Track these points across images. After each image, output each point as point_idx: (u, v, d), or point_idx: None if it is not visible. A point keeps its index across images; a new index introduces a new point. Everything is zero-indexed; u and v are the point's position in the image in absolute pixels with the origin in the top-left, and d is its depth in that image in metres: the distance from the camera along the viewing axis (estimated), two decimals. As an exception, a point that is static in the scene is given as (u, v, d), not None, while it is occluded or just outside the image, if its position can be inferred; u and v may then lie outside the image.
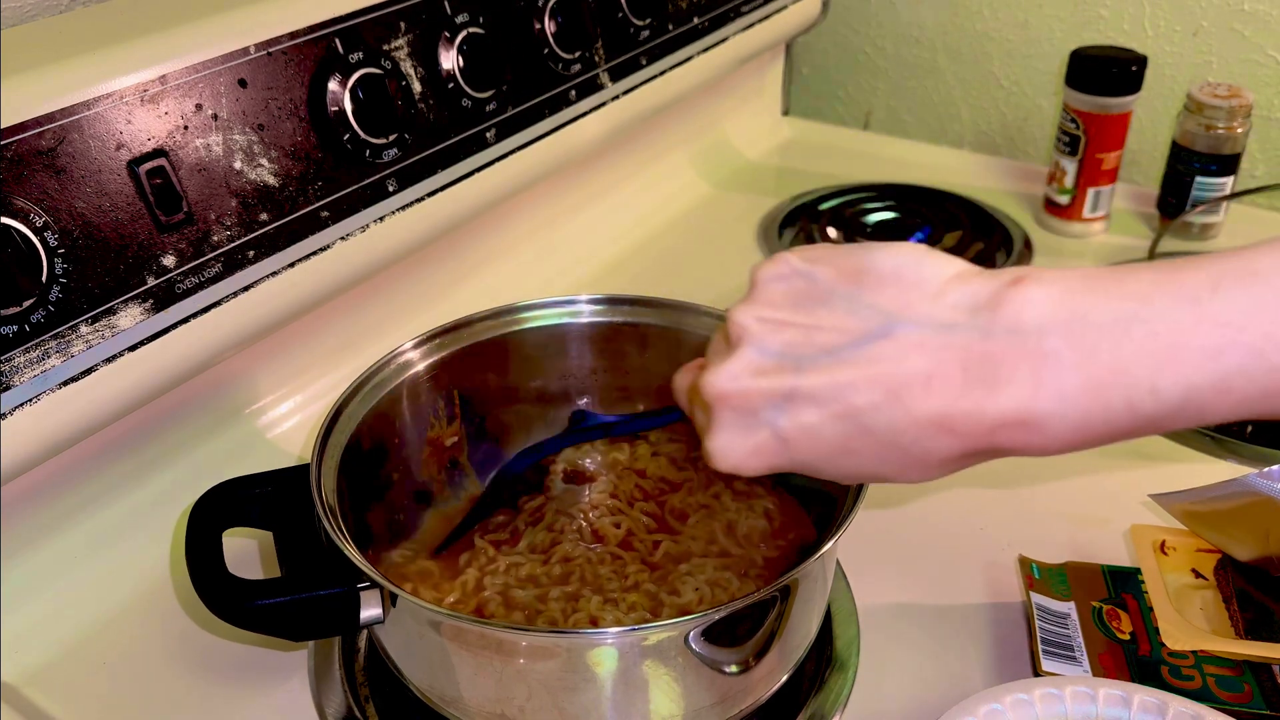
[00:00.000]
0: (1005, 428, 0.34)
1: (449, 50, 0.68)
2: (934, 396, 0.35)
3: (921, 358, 0.35)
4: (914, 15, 1.19)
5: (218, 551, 0.47)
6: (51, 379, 0.51)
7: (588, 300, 0.61)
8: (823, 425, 0.36)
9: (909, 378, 0.35)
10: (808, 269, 0.38)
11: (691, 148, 1.06)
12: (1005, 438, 0.35)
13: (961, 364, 0.34)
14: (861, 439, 0.36)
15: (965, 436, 0.35)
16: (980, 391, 0.34)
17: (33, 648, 0.57)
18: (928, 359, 0.35)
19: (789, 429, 0.37)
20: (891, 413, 0.35)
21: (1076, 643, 0.53)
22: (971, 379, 0.34)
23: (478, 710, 0.47)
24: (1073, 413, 0.34)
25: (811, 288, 0.38)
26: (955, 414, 0.35)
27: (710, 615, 0.43)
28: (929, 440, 0.35)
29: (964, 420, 0.35)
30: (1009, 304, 0.34)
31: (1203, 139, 0.89)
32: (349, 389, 0.54)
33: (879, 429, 0.36)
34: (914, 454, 0.36)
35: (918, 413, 0.35)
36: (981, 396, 0.34)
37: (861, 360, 0.36)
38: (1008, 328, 0.34)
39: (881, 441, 0.36)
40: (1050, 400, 0.34)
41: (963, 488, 0.67)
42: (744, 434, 0.38)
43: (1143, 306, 0.33)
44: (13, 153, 0.49)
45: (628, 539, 0.57)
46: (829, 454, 0.37)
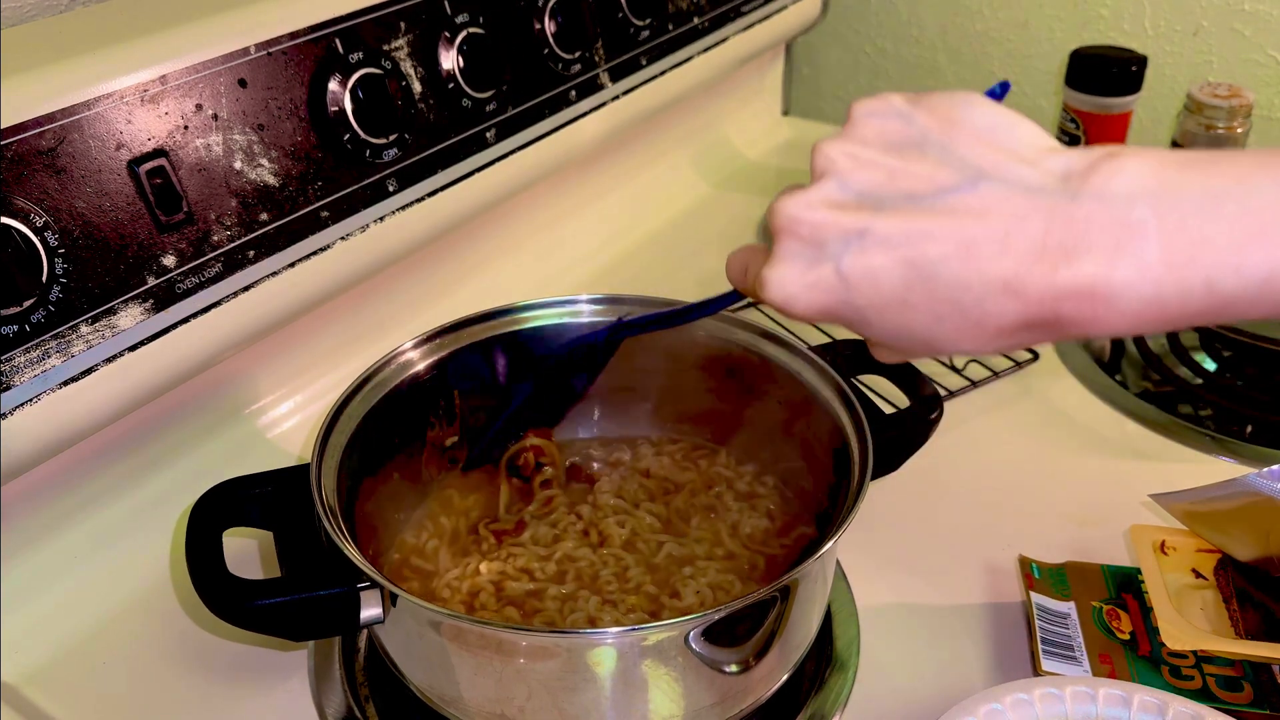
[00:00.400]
0: (1074, 297, 0.33)
1: (449, 50, 0.68)
2: (1008, 256, 0.33)
3: (1003, 216, 0.34)
4: (914, 15, 1.19)
5: (218, 551, 0.47)
6: (52, 379, 0.51)
7: (588, 300, 0.61)
8: (888, 270, 0.35)
9: (986, 234, 0.34)
10: (907, 110, 0.37)
11: (691, 148, 1.06)
12: (1072, 308, 0.33)
13: (1043, 226, 0.33)
14: (923, 291, 0.35)
15: (1030, 302, 0.34)
16: (1057, 256, 0.33)
17: (33, 648, 0.57)
18: (1009, 217, 0.34)
19: (853, 268, 0.36)
20: (961, 267, 0.34)
21: (1076, 643, 0.53)
22: (1050, 243, 0.33)
23: (478, 710, 0.47)
24: (1148, 286, 0.32)
25: (906, 130, 0.37)
26: (1026, 276, 0.33)
27: (710, 615, 0.43)
28: (992, 302, 0.34)
29: (1034, 284, 0.33)
30: (1100, 171, 0.33)
31: (1203, 139, 0.89)
32: (349, 389, 0.54)
33: (944, 283, 0.34)
34: (972, 315, 0.35)
35: (987, 271, 0.34)
36: (1057, 260, 0.33)
37: (941, 210, 0.34)
38: (1095, 194, 0.33)
39: (942, 297, 0.35)
40: (1127, 271, 0.32)
41: (963, 488, 0.67)
42: (806, 266, 0.37)
43: (1238, 185, 0.32)
44: (13, 153, 0.49)
45: (631, 540, 0.57)
46: (886, 303, 0.36)
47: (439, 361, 0.59)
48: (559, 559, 0.56)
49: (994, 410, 0.74)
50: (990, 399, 0.75)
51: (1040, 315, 0.34)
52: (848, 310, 0.37)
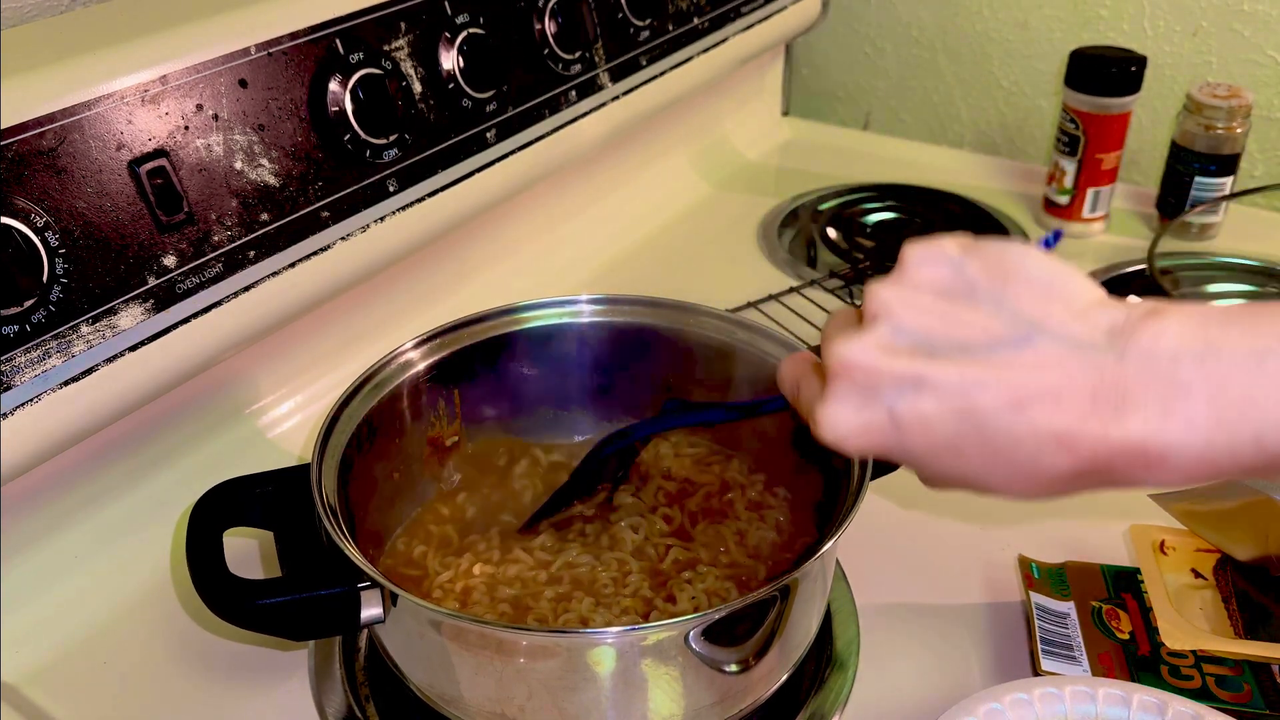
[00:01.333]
0: (1126, 454, 0.34)
1: (449, 50, 0.68)
2: (1062, 413, 0.34)
3: (1055, 372, 0.35)
4: (914, 15, 1.19)
5: (218, 551, 0.47)
6: (52, 379, 0.52)
7: (588, 300, 0.61)
8: (940, 418, 0.36)
9: (1040, 389, 0.35)
10: (959, 259, 0.38)
11: (691, 148, 1.07)
12: (1124, 463, 0.34)
13: (1094, 384, 0.34)
14: (975, 440, 0.36)
15: (1083, 458, 0.35)
16: (1108, 413, 0.34)
17: (33, 648, 0.57)
18: (1061, 374, 0.35)
19: (906, 414, 0.36)
20: (1013, 420, 0.35)
21: (1076, 642, 0.53)
22: (1101, 401, 0.34)
23: (478, 710, 0.47)
24: (1198, 444, 0.33)
25: (959, 280, 0.37)
26: (1079, 433, 0.34)
27: (710, 615, 0.43)
28: (1045, 455, 0.35)
29: (1087, 441, 0.34)
30: (1146, 330, 0.34)
31: (1202, 139, 0.89)
32: (349, 389, 0.54)
33: (996, 434, 0.35)
34: (1024, 467, 0.35)
35: (1040, 425, 0.35)
36: (1109, 419, 0.34)
37: (996, 363, 0.35)
38: (1142, 353, 0.34)
39: (994, 448, 0.36)
40: (1177, 430, 0.33)
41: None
42: (859, 409, 0.37)
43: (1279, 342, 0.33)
44: (14, 153, 0.49)
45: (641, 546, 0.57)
46: (937, 449, 0.37)
47: (439, 361, 0.59)
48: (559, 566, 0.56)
49: (994, 410, 0.74)
50: (990, 399, 0.75)
51: (1093, 468, 0.35)
52: (900, 452, 0.38)
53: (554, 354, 0.62)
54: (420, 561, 0.57)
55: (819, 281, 0.88)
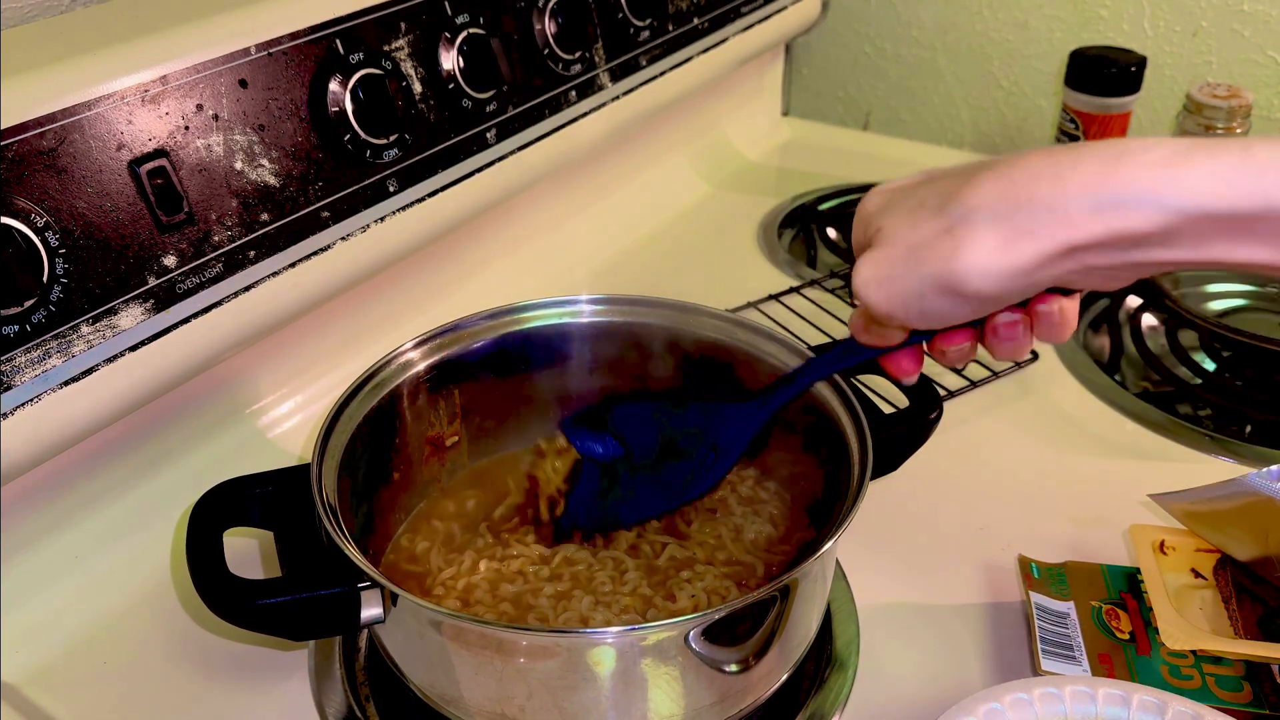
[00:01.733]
0: (943, 276, 0.39)
1: (449, 51, 0.68)
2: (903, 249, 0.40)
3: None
4: (914, 15, 1.19)
5: (218, 551, 0.47)
6: (52, 379, 0.52)
7: (588, 300, 0.61)
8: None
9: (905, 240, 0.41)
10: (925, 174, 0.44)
11: (691, 148, 1.07)
12: (942, 281, 0.39)
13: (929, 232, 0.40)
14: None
15: (921, 276, 0.40)
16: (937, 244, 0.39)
17: (33, 648, 0.57)
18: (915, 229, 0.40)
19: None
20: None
21: (1076, 642, 0.53)
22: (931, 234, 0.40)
23: (478, 710, 0.47)
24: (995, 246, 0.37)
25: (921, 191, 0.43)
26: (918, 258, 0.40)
27: (710, 615, 0.43)
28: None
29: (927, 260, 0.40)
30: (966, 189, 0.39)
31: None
32: (349, 389, 0.55)
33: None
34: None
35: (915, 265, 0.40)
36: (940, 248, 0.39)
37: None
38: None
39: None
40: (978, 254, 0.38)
41: (963, 488, 0.67)
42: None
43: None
44: (14, 153, 0.49)
45: (636, 543, 0.57)
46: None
47: (439, 362, 0.59)
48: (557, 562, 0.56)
49: (994, 410, 0.74)
50: (990, 399, 0.75)
51: (935, 285, 0.39)
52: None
53: (554, 354, 0.62)
54: (421, 560, 0.57)
55: (819, 281, 0.88)
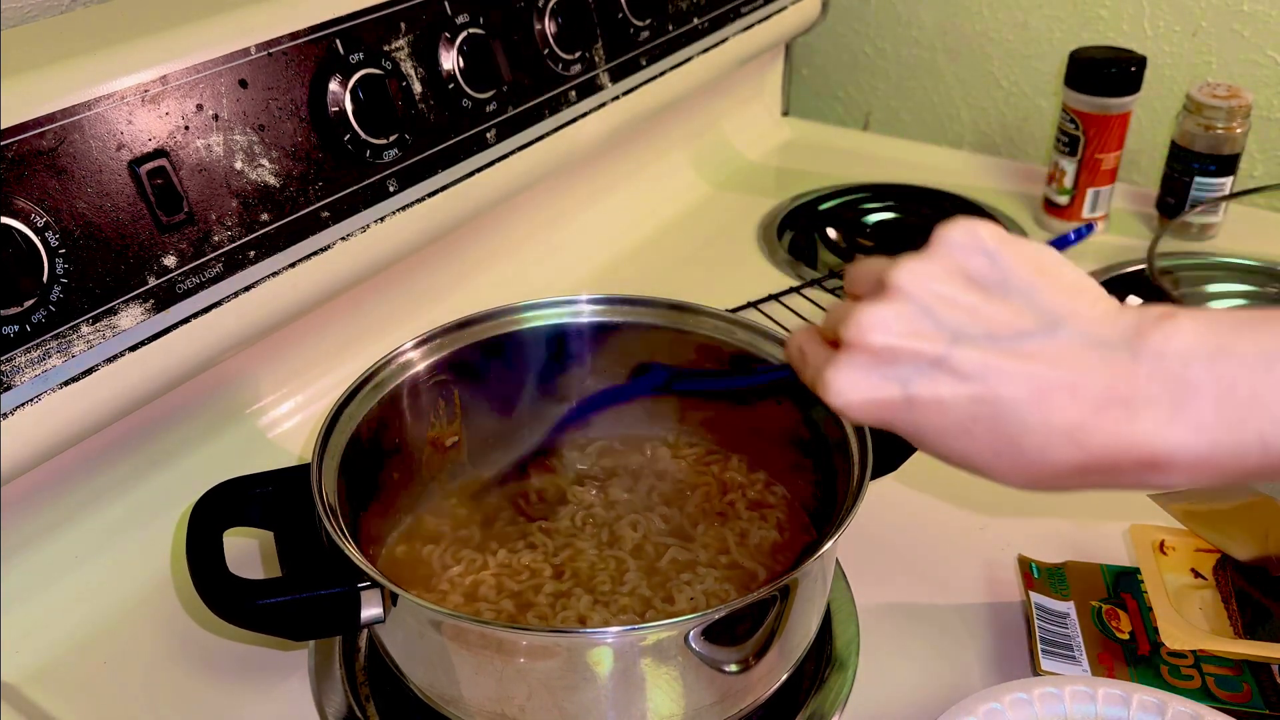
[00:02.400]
0: (1134, 453, 0.34)
1: (449, 51, 0.68)
2: (1074, 406, 0.35)
3: (1075, 366, 0.35)
4: (914, 15, 1.19)
5: (218, 551, 0.47)
6: (52, 379, 0.52)
7: (588, 300, 0.61)
8: (957, 402, 0.36)
9: (1058, 382, 0.35)
10: (994, 249, 0.38)
11: (691, 148, 1.07)
12: (1130, 464, 0.35)
13: (1108, 381, 0.35)
14: (987, 427, 0.36)
15: (1091, 454, 0.35)
16: (1119, 411, 0.34)
17: (33, 648, 0.57)
18: (1080, 368, 0.35)
19: (921, 394, 0.36)
20: (1029, 411, 0.35)
21: (1076, 642, 0.53)
22: (1114, 398, 0.34)
23: (478, 709, 0.47)
24: (1203, 445, 0.34)
25: (992, 269, 0.37)
26: (1090, 429, 0.35)
27: (710, 615, 0.43)
28: (1054, 448, 0.35)
29: (1098, 437, 0.35)
30: (1159, 331, 0.35)
31: (1202, 139, 0.89)
32: (349, 389, 0.55)
33: (1009, 423, 0.36)
34: (1030, 457, 0.36)
35: (1053, 418, 0.35)
36: (1119, 417, 0.34)
37: (1019, 354, 0.36)
38: (1155, 354, 0.34)
39: (1006, 436, 0.36)
40: (1183, 430, 0.34)
41: (963, 488, 0.67)
42: (871, 381, 0.37)
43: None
44: (14, 153, 0.49)
45: (640, 544, 0.57)
46: (946, 430, 0.37)
47: (439, 362, 0.59)
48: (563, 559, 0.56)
49: (993, 410, 0.74)
50: (990, 399, 0.75)
51: (1099, 465, 0.35)
52: (906, 426, 0.38)
53: (554, 354, 0.62)
54: (422, 559, 0.57)
55: (819, 281, 0.88)
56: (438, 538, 0.58)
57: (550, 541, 0.57)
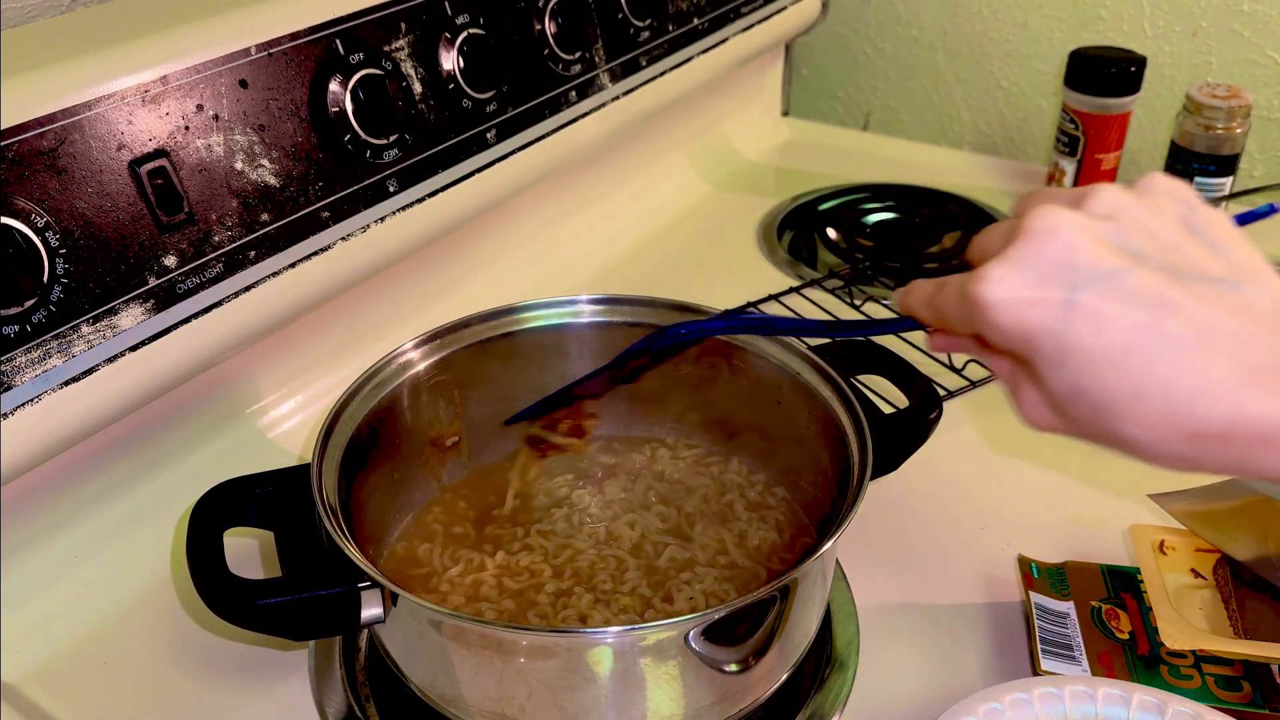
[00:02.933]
0: (1263, 428, 0.33)
1: (449, 51, 0.68)
2: (1240, 362, 0.33)
3: (1252, 321, 0.34)
4: (914, 15, 1.19)
5: (219, 551, 0.47)
6: (53, 379, 0.52)
7: (588, 300, 0.61)
8: (1118, 323, 0.34)
9: (1231, 331, 0.33)
10: (1195, 203, 0.37)
11: (691, 148, 1.07)
12: (1259, 438, 0.33)
13: (1272, 351, 0.33)
14: (1140, 359, 0.34)
15: (1225, 420, 0.33)
16: (1269, 380, 0.33)
17: (33, 648, 0.57)
18: (1256, 325, 0.34)
19: (1087, 306, 0.34)
20: (1190, 353, 0.33)
21: (1076, 642, 0.53)
22: (1269, 368, 0.33)
23: (478, 709, 0.47)
24: None
25: (1191, 216, 0.37)
26: (1243, 391, 0.33)
27: (710, 615, 0.43)
28: (1198, 401, 0.33)
29: (1254, 400, 0.33)
30: None
31: (1202, 139, 0.90)
32: (350, 389, 0.55)
33: (1165, 361, 0.34)
34: (1173, 405, 0.33)
35: (1213, 368, 0.33)
36: (1270, 389, 0.33)
37: (1198, 293, 0.34)
38: None
39: (1156, 375, 0.34)
40: None
41: (963, 488, 0.67)
42: (1036, 279, 0.35)
43: None
44: (14, 153, 0.49)
45: (639, 543, 0.57)
46: (1096, 354, 0.34)
47: (439, 361, 0.59)
48: (563, 559, 0.56)
49: (994, 410, 0.74)
50: (990, 399, 0.75)
51: (1226, 433, 0.33)
52: (1050, 342, 0.35)
53: (554, 354, 0.62)
54: (422, 560, 0.57)
55: (819, 281, 0.88)
56: (437, 538, 0.58)
57: (548, 543, 0.58)
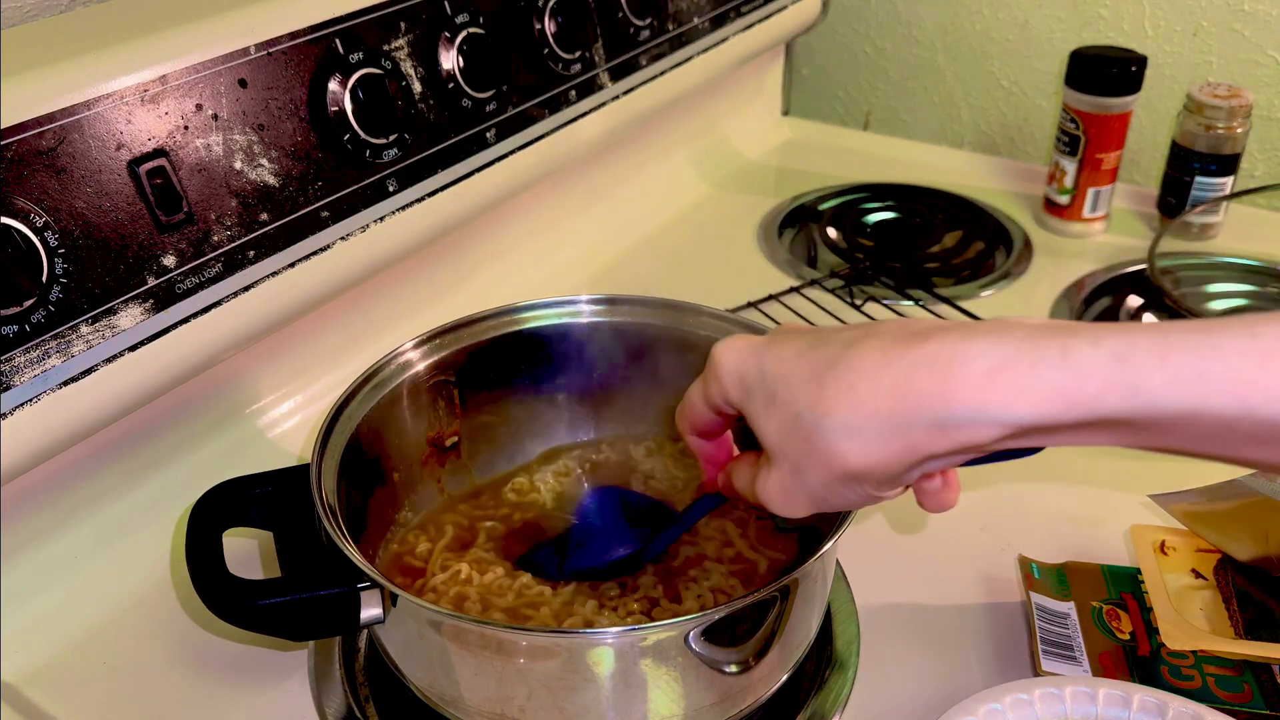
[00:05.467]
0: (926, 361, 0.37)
1: (449, 50, 0.68)
2: (890, 337, 0.38)
3: (878, 328, 0.39)
4: (914, 15, 1.19)
5: (218, 551, 0.47)
6: (52, 379, 0.51)
7: (588, 300, 0.61)
8: (791, 346, 0.40)
9: (864, 335, 0.39)
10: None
11: (691, 148, 1.07)
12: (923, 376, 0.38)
13: (905, 329, 0.39)
14: (811, 360, 0.39)
15: (892, 384, 0.37)
16: (914, 340, 0.38)
17: (33, 648, 0.57)
18: (882, 330, 0.39)
19: (772, 346, 0.41)
20: (845, 351, 0.38)
21: (1076, 643, 0.53)
22: (918, 333, 0.38)
23: (478, 710, 0.47)
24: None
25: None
26: (894, 352, 0.37)
27: (710, 615, 0.43)
28: (860, 377, 0.38)
29: (899, 360, 0.38)
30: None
31: (1203, 139, 0.89)
32: (349, 389, 0.54)
33: (827, 353, 0.39)
34: (845, 381, 0.37)
35: (866, 354, 0.38)
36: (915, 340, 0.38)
37: (835, 332, 0.41)
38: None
39: (826, 357, 0.38)
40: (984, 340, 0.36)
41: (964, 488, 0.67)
42: (743, 347, 0.42)
43: None
44: (13, 153, 0.49)
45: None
46: (784, 367, 0.40)
47: (439, 361, 0.59)
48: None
49: (994, 410, 0.74)
50: (990, 399, 0.75)
51: (907, 384, 0.36)
52: (754, 374, 0.41)
53: (554, 354, 0.62)
54: (422, 560, 0.57)
55: (819, 281, 0.88)
56: (438, 538, 0.58)
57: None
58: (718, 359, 0.43)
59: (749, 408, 0.41)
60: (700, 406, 0.45)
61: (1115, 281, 0.89)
